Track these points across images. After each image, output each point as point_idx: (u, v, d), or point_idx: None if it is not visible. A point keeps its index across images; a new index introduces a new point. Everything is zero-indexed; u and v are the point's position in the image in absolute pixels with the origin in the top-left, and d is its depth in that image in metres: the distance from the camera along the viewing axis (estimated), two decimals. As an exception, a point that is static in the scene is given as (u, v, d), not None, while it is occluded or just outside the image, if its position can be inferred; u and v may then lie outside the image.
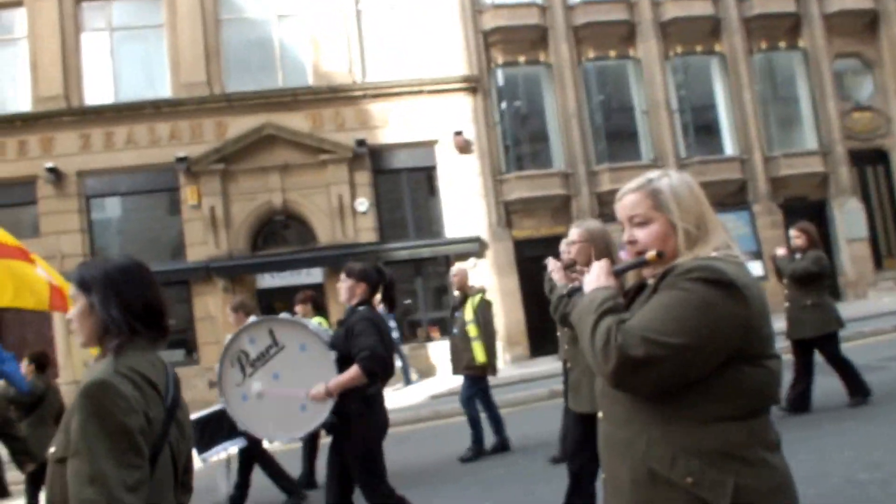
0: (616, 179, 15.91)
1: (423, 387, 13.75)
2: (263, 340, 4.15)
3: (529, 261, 15.22)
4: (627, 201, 1.91)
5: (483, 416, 7.35)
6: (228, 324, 14.36)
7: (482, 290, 7.54)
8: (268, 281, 15.80)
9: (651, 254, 1.83)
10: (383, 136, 15.78)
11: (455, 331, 7.42)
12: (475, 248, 15.68)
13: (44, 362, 6.91)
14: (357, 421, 4.03)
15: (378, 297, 4.50)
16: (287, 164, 15.52)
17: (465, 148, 15.71)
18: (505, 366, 15.27)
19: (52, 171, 15.27)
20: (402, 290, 16.32)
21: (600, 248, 3.94)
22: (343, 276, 4.33)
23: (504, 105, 16.19)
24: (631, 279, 2.01)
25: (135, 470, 1.73)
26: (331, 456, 4.23)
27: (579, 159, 16.00)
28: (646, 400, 1.72)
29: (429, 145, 15.91)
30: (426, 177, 16.19)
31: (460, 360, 7.33)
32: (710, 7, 16.20)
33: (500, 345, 15.64)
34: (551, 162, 16.25)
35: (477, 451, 7.11)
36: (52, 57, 15.70)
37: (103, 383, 1.77)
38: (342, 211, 15.48)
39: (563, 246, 5.68)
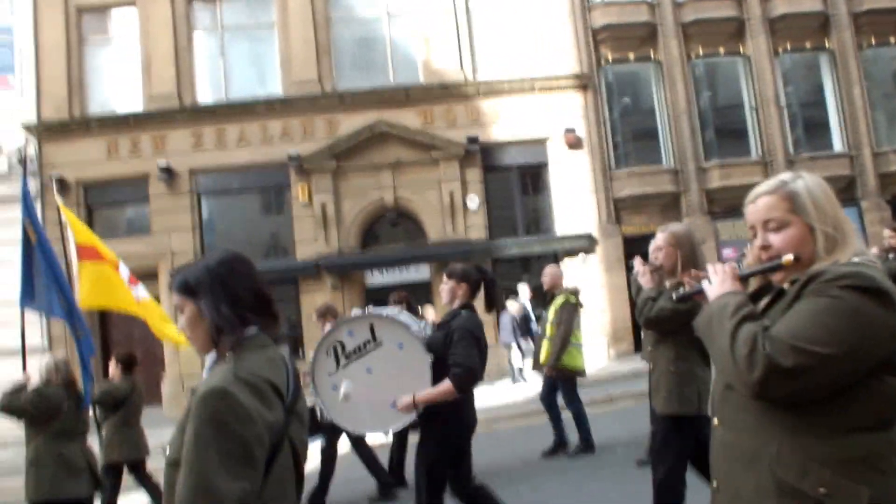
0: (725, 176, 15.83)
1: (535, 383, 13.59)
2: (362, 334, 4.08)
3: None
4: (762, 204, 1.83)
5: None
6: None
7: (572, 292, 7.40)
8: (377, 278, 15.78)
9: (788, 258, 1.76)
10: (494, 133, 15.76)
11: (539, 330, 7.47)
12: (585, 244, 15.61)
13: (130, 363, 6.93)
14: (441, 420, 3.96)
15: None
16: (399, 162, 15.53)
17: (575, 145, 15.67)
18: (610, 361, 15.24)
19: (164, 169, 15.37)
20: (510, 287, 16.30)
21: (686, 251, 4.00)
22: (444, 277, 4.30)
23: (613, 102, 16.12)
24: (754, 284, 1.94)
25: (245, 482, 1.65)
26: (417, 454, 4.16)
27: (689, 156, 15.92)
28: (778, 408, 1.66)
29: (539, 142, 15.88)
30: (537, 174, 16.14)
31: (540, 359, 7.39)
32: (819, 3, 16.11)
33: (603, 341, 15.61)
34: (660, 158, 16.17)
35: (586, 447, 7.13)
36: (165, 56, 15.84)
37: (222, 391, 1.68)
38: (453, 208, 15.46)
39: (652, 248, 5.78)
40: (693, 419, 4.08)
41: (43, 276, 6.21)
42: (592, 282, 15.32)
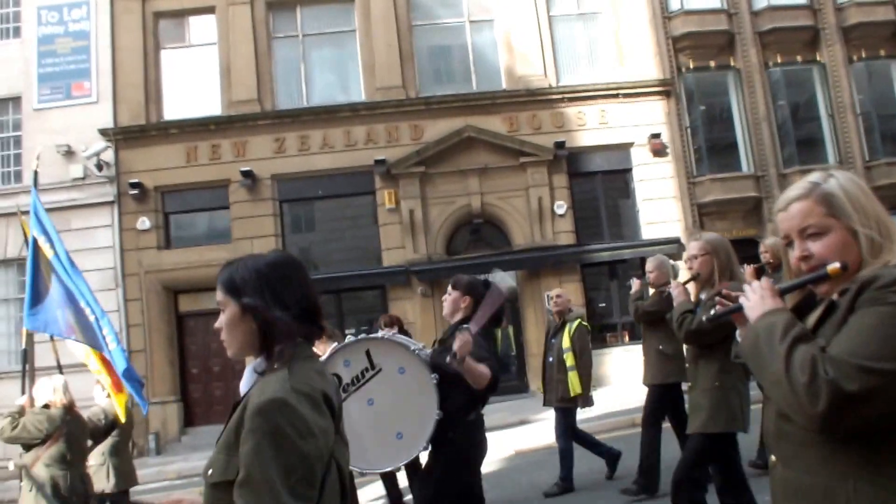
0: (806, 182, 15.91)
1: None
2: (359, 363, 3.76)
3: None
4: (795, 210, 1.66)
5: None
6: (426, 328, 14.12)
7: (580, 316, 7.04)
8: (461, 286, 15.50)
9: (834, 266, 1.57)
10: (579, 139, 15.74)
11: (550, 359, 6.86)
12: (674, 249, 15.49)
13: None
14: (455, 448, 3.64)
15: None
16: (486, 167, 15.40)
17: (660, 151, 15.69)
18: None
19: (246, 174, 15.08)
20: (597, 293, 16.16)
21: (722, 259, 3.94)
22: (449, 288, 3.97)
23: (693, 108, 16.22)
24: (790, 299, 1.75)
25: (307, 502, 1.55)
26: (421, 481, 3.87)
27: (770, 162, 16.02)
28: (849, 440, 1.47)
29: (624, 148, 15.88)
30: (621, 179, 16.13)
31: (554, 390, 6.74)
32: (891, 13, 16.45)
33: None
34: (740, 165, 16.26)
35: (564, 488, 6.54)
36: (245, 62, 15.66)
37: (282, 402, 1.57)
38: (541, 214, 15.32)
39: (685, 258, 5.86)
40: (732, 437, 3.97)
41: (55, 294, 5.88)
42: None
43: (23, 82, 15.54)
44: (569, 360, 6.65)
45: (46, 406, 5.19)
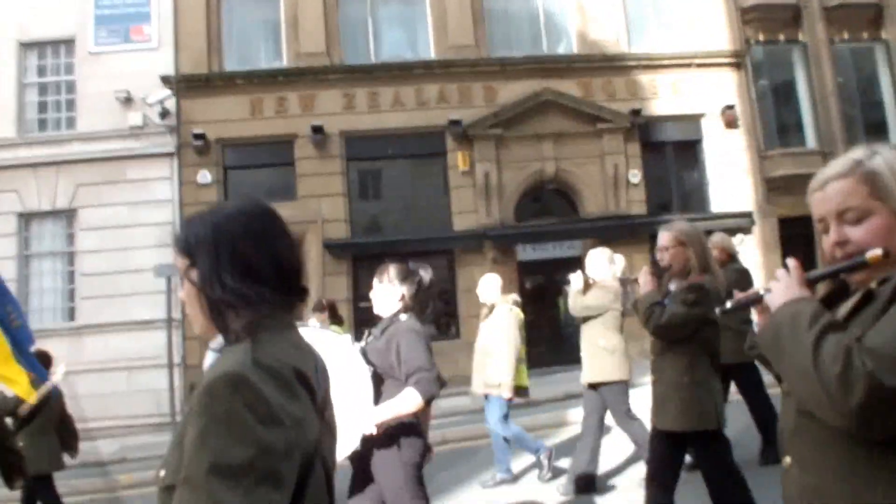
0: (870, 160, 16.00)
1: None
2: None
3: (788, 239, 15.33)
4: (833, 190, 1.49)
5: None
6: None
7: (513, 301, 6.56)
8: (528, 253, 15.21)
9: (874, 253, 1.42)
10: (651, 107, 15.54)
11: (479, 344, 6.53)
12: (746, 223, 15.48)
13: (45, 363, 5.84)
14: (394, 445, 3.42)
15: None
16: (561, 132, 15.08)
17: (732, 123, 15.60)
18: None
19: (316, 130, 14.47)
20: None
21: (697, 251, 3.75)
22: (375, 281, 3.69)
23: (760, 81, 16.19)
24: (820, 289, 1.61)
25: None
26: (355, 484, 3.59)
27: (838, 138, 16.06)
28: (878, 444, 1.33)
29: (695, 119, 15.75)
30: (691, 150, 15.99)
31: (481, 374, 6.45)
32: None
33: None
34: (805, 140, 16.28)
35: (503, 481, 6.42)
36: (313, 13, 15.02)
37: (237, 378, 1.21)
38: (616, 182, 15.08)
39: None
40: (710, 434, 3.77)
41: None
42: (749, 264, 15.17)
43: (77, 24, 14.62)
44: (496, 345, 6.28)
45: None
